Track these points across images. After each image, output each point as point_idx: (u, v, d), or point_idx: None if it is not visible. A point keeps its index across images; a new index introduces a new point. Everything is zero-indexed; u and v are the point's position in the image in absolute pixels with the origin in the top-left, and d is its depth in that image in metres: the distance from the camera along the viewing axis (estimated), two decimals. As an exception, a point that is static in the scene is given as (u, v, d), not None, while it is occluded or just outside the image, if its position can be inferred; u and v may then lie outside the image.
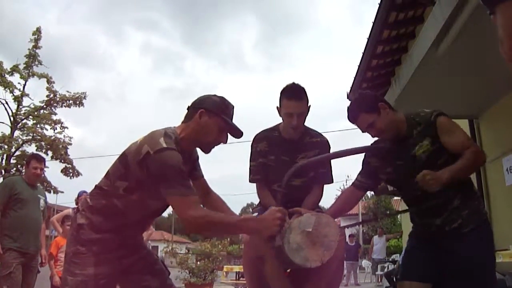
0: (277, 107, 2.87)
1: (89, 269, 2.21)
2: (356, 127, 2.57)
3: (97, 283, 2.23)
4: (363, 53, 7.29)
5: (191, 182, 2.53)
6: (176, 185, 2.05)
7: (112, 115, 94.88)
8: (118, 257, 2.31)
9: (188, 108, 2.36)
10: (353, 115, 2.54)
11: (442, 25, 3.66)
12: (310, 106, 2.85)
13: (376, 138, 2.67)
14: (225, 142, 2.35)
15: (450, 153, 2.35)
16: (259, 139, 2.99)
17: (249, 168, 2.99)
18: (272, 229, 2.11)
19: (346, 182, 26.61)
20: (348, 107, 2.58)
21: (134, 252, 2.38)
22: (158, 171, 2.07)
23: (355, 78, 7.96)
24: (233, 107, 2.38)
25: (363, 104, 2.53)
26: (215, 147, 2.38)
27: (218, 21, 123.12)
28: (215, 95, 2.37)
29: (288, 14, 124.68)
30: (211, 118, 2.28)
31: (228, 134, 2.34)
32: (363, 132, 2.55)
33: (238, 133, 2.33)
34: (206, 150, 2.38)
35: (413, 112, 2.53)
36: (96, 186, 2.34)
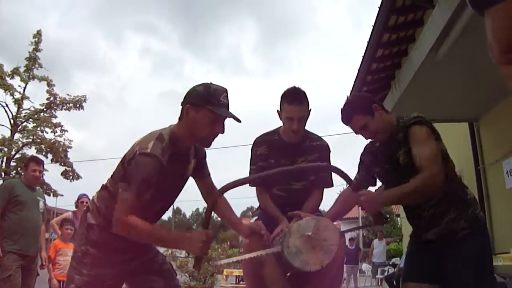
0: (277, 110, 2.86)
1: (97, 269, 2.24)
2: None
3: (103, 284, 2.27)
4: (363, 57, 7.28)
5: (197, 181, 2.55)
6: (130, 188, 2.07)
7: (111, 118, 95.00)
8: (126, 259, 2.33)
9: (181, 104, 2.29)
10: (346, 117, 2.53)
11: (442, 28, 3.66)
12: (310, 110, 2.84)
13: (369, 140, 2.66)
14: (222, 132, 2.24)
15: None
16: (259, 142, 2.98)
17: (249, 172, 2.98)
18: (195, 251, 2.07)
19: (346, 186, 26.59)
20: (341, 109, 2.56)
21: (142, 253, 2.39)
22: (130, 170, 2.11)
23: (355, 81, 7.95)
24: (225, 91, 2.23)
25: (357, 105, 2.52)
26: (215, 138, 2.30)
27: (217, 25, 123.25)
28: (201, 85, 2.24)
29: (287, 18, 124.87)
30: (198, 112, 2.18)
31: (227, 122, 2.25)
32: (356, 133, 2.54)
33: (231, 116, 2.22)
34: (206, 144, 2.34)
35: (402, 116, 2.50)
36: (102, 186, 2.35)
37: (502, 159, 5.66)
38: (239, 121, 2.22)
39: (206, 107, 2.16)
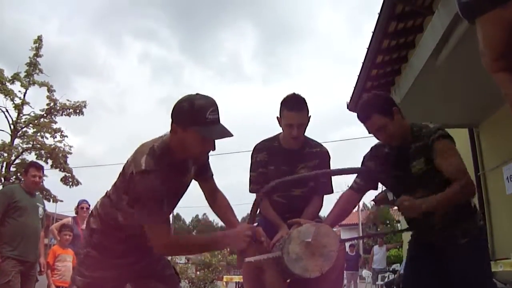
0: (277, 117, 2.86)
1: (98, 271, 2.29)
2: (354, 137, 2.55)
3: (104, 285, 2.31)
4: (363, 63, 7.28)
5: (199, 183, 2.51)
6: (147, 212, 2.04)
7: (111, 124, 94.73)
8: (127, 263, 2.35)
9: None
10: (365, 114, 2.44)
11: (441, 35, 3.67)
12: (310, 116, 2.84)
13: (377, 142, 2.62)
14: (214, 149, 2.16)
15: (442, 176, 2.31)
16: (259, 149, 2.98)
17: (249, 178, 2.98)
18: (240, 245, 2.11)
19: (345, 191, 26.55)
20: (360, 105, 2.49)
21: (144, 257, 2.40)
22: (135, 194, 2.07)
23: (355, 88, 7.94)
24: (211, 104, 2.06)
25: (378, 104, 2.43)
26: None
27: (217, 31, 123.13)
28: (186, 100, 2.09)
29: (287, 24, 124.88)
30: (185, 132, 2.06)
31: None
32: (370, 133, 2.48)
33: (221, 137, 2.09)
34: (199, 160, 2.33)
35: (417, 124, 2.47)
36: (106, 193, 2.36)
37: (502, 165, 5.66)
38: (231, 135, 2.10)
39: (193, 127, 2.04)
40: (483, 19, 0.83)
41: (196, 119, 2.03)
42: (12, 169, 18.11)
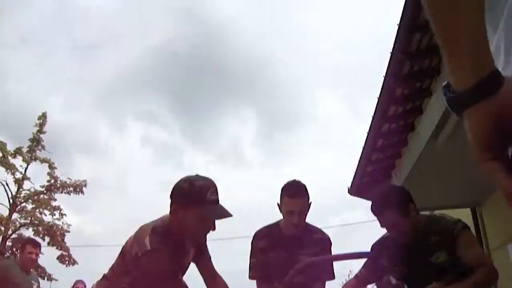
0: (277, 203, 2.85)
1: None
2: (356, 221, 2.52)
3: None
4: (363, 147, 7.28)
5: (198, 266, 2.48)
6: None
7: (111, 205, 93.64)
8: None
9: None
10: (378, 209, 2.38)
11: (440, 117, 3.74)
12: (311, 203, 2.84)
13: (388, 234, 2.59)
14: (214, 229, 2.16)
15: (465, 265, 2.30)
16: (259, 236, 2.96)
17: (249, 265, 2.94)
18: None
19: (349, 277, 25.76)
20: (374, 199, 2.47)
21: None
22: (149, 274, 2.06)
23: (355, 172, 7.92)
24: (211, 185, 2.13)
25: (393, 201, 2.36)
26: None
27: (218, 116, 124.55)
28: (186, 181, 2.14)
29: (288, 110, 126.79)
30: (186, 212, 2.08)
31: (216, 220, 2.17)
32: (381, 227, 2.42)
33: (221, 217, 2.13)
34: (198, 240, 2.32)
35: (433, 216, 2.46)
36: (103, 275, 2.32)
37: (506, 243, 5.59)
38: (230, 216, 2.13)
39: (194, 207, 2.07)
40: (468, 113, 0.88)
41: (197, 200, 2.07)
42: (8, 243, 17.82)
